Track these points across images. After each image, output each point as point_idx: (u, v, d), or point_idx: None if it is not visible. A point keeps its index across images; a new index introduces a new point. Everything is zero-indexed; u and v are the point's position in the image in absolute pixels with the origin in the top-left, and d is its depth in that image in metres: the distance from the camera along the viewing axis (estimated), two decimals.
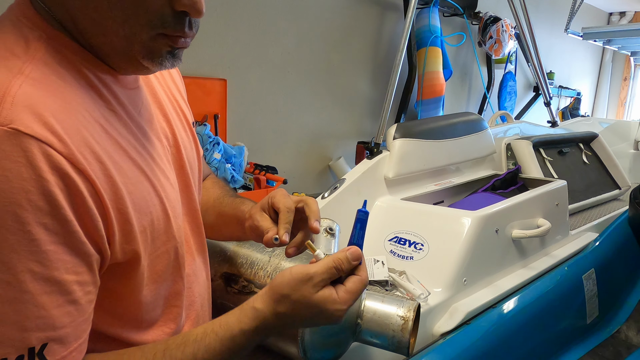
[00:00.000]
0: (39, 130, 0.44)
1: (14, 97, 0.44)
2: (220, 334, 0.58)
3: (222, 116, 2.44)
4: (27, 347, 0.44)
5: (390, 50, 3.32)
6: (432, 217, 1.29)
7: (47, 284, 0.45)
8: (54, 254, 0.46)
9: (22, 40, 0.50)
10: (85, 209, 0.48)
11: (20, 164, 0.43)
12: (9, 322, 0.43)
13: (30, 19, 0.52)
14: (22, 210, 0.43)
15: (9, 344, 0.43)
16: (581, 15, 4.48)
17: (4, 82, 0.45)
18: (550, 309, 1.31)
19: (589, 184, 2.06)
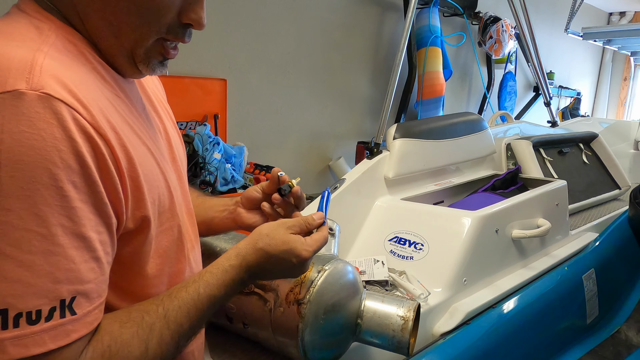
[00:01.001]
0: (67, 97, 0.48)
1: (41, 67, 0.48)
2: (213, 272, 0.63)
3: (222, 116, 2.44)
4: (59, 299, 0.46)
5: (390, 50, 3.32)
6: (432, 217, 1.29)
7: (76, 239, 0.48)
8: (81, 211, 0.48)
9: (34, 28, 0.54)
10: (108, 172, 0.51)
11: (53, 125, 0.46)
12: (43, 273, 0.45)
13: (39, 13, 0.55)
14: (56, 167, 0.46)
15: (43, 295, 0.45)
16: (581, 15, 4.48)
17: (28, 56, 0.49)
18: (550, 309, 1.31)
19: (589, 184, 2.06)
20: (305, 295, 0.78)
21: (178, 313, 0.58)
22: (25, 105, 0.45)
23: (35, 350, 0.44)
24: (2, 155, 0.44)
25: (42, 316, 0.45)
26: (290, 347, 0.80)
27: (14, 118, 0.45)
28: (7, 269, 0.44)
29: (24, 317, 0.44)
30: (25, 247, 0.45)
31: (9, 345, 0.44)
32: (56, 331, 0.46)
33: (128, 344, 0.52)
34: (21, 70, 0.47)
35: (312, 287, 0.78)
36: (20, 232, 0.44)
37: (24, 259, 0.44)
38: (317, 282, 0.79)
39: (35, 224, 0.45)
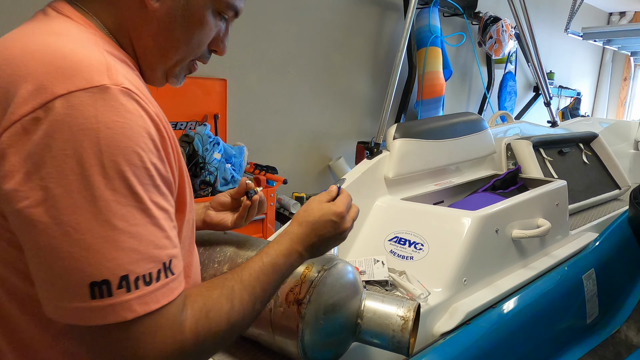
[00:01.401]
0: (137, 92, 0.55)
1: (115, 67, 0.55)
2: (271, 246, 0.72)
3: (222, 116, 2.44)
4: (162, 262, 0.53)
5: (390, 50, 3.32)
6: (432, 217, 1.29)
7: (162, 212, 0.55)
8: (161, 189, 0.55)
9: (87, 33, 0.60)
10: (169, 155, 0.58)
11: (135, 115, 0.53)
12: (148, 242, 0.52)
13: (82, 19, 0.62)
14: (143, 151, 0.53)
15: (151, 260, 0.52)
16: (581, 15, 4.48)
17: (101, 56, 0.55)
18: (550, 309, 1.31)
19: (589, 184, 2.06)
20: (305, 295, 0.78)
21: (250, 278, 0.65)
22: (112, 98, 0.51)
23: (154, 306, 0.52)
24: (102, 142, 0.50)
25: (153, 278, 0.52)
26: (290, 347, 0.80)
27: (106, 109, 0.51)
28: (122, 240, 0.50)
29: (141, 280, 0.51)
30: (132, 221, 0.51)
31: (135, 304, 0.50)
32: (164, 289, 0.53)
33: (218, 301, 0.60)
34: (102, 68, 0.53)
35: (312, 287, 0.78)
36: (126, 208, 0.51)
37: (133, 231, 0.51)
38: (317, 282, 0.79)
39: (135, 200, 0.51)
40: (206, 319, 0.57)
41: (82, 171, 0.49)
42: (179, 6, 0.63)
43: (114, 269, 0.49)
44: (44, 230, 0.48)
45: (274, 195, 2.26)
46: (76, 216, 0.49)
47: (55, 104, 0.49)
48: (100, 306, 0.49)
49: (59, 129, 0.49)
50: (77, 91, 0.50)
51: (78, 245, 0.49)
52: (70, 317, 0.50)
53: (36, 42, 0.55)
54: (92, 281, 0.49)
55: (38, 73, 0.51)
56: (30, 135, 0.49)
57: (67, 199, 0.48)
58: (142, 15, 0.63)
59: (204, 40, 0.69)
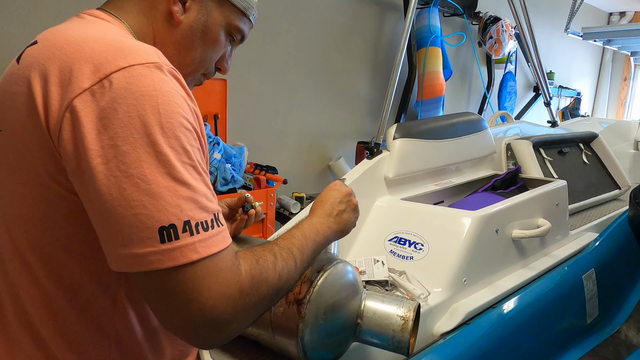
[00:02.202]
0: (179, 75, 0.62)
1: (160, 54, 0.62)
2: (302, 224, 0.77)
3: (222, 116, 2.44)
4: (213, 213, 0.58)
5: (390, 50, 3.32)
6: (432, 217, 1.29)
7: (204, 172, 0.60)
8: (199, 154, 0.60)
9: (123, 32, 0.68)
10: (200, 136, 0.64)
11: (180, 89, 0.60)
12: (201, 194, 0.57)
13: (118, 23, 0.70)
14: (188, 117, 0.59)
15: (205, 210, 0.57)
16: (581, 15, 4.48)
17: (150, 46, 0.63)
18: (550, 309, 1.31)
19: (589, 184, 2.06)
20: (305, 295, 0.78)
21: (285, 242, 0.70)
22: (165, 73, 0.59)
23: (214, 249, 0.56)
24: (160, 107, 0.56)
25: (209, 225, 0.57)
26: (290, 347, 0.80)
27: (161, 81, 0.58)
28: (182, 190, 0.55)
29: (200, 226, 0.56)
30: (187, 175, 0.56)
31: (198, 247, 0.55)
32: (219, 236, 0.58)
33: (263, 255, 0.64)
34: (153, 53, 0.61)
35: (312, 287, 0.78)
36: (182, 164, 0.56)
37: (190, 184, 0.56)
38: (317, 282, 0.79)
39: (188, 158, 0.57)
40: (257, 265, 0.62)
41: (145, 130, 0.55)
42: (200, 21, 0.73)
43: (179, 215, 0.54)
44: (115, 183, 0.53)
45: (274, 195, 2.26)
46: (142, 169, 0.54)
47: (119, 74, 0.56)
48: (170, 249, 0.53)
49: (123, 95, 0.55)
50: (136, 65, 0.57)
51: (146, 194, 0.53)
52: (141, 264, 0.53)
53: (93, 31, 0.63)
54: (160, 226, 0.53)
55: (100, 52, 0.58)
56: (98, 101, 0.55)
57: (133, 154, 0.54)
58: (169, 26, 0.72)
59: (215, 56, 0.79)
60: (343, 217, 0.83)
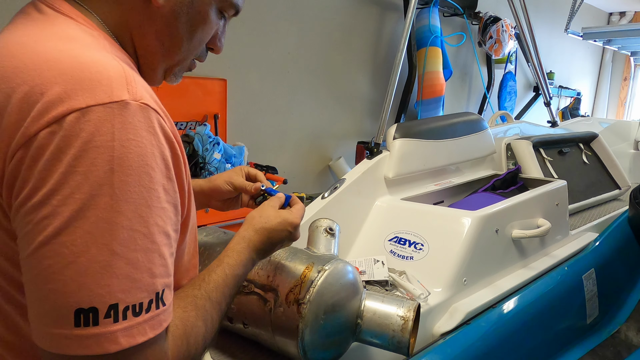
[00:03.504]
0: (156, 106, 0.53)
1: (134, 79, 0.53)
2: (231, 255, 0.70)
3: (222, 116, 2.44)
4: (155, 292, 0.51)
5: (390, 50, 3.32)
6: (432, 217, 1.29)
7: (165, 236, 0.52)
8: (167, 211, 0.53)
9: (89, 36, 0.57)
10: (181, 172, 0.57)
11: (150, 133, 0.51)
12: (144, 269, 0.49)
13: (82, 19, 0.59)
14: (153, 171, 0.51)
15: (144, 289, 0.49)
16: (581, 15, 4.48)
17: (119, 68, 0.52)
18: (550, 309, 1.31)
19: (589, 184, 2.06)
20: (305, 295, 0.78)
21: (216, 293, 0.64)
22: (131, 115, 0.50)
23: (140, 339, 0.49)
24: (115, 162, 0.48)
25: (143, 309, 0.49)
26: (290, 347, 0.80)
27: (123, 127, 0.49)
28: (117, 266, 0.48)
29: (130, 309, 0.48)
30: (131, 246, 0.49)
31: (120, 337, 0.48)
32: (153, 321, 0.50)
33: (195, 325, 0.58)
34: (121, 81, 0.51)
35: (312, 287, 0.78)
36: (128, 232, 0.48)
37: (131, 257, 0.49)
38: (317, 282, 0.79)
39: (139, 224, 0.49)
40: (186, 346, 0.56)
41: (90, 190, 0.47)
42: (184, 3, 0.62)
43: (104, 297, 0.46)
44: (39, 248, 0.46)
45: None
46: (74, 237, 0.46)
47: (72, 117, 0.47)
48: (84, 335, 0.46)
49: (72, 144, 0.47)
50: (96, 106, 0.48)
51: (71, 268, 0.46)
52: (52, 345, 0.47)
53: (48, 50, 0.52)
54: (78, 307, 0.46)
55: (55, 84, 0.48)
56: (44, 149, 0.47)
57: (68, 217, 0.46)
58: (147, 13, 0.61)
59: (205, 38, 0.68)
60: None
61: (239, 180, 0.88)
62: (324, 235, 0.93)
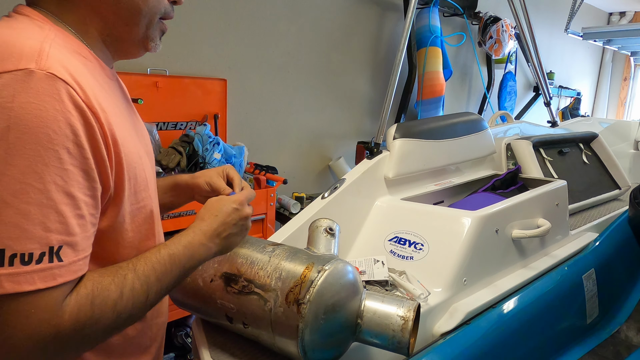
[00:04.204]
0: (68, 78, 0.57)
1: (48, 54, 0.58)
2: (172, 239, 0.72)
3: (222, 116, 2.44)
4: (48, 246, 0.53)
5: (390, 50, 3.32)
6: (432, 217, 1.29)
7: (66, 196, 0.55)
8: (72, 174, 0.56)
9: (37, 27, 0.63)
10: (96, 143, 0.60)
11: (55, 99, 0.55)
12: (36, 222, 0.52)
13: (38, 16, 0.65)
14: (54, 133, 0.54)
15: (35, 240, 0.52)
16: (581, 15, 4.48)
17: (37, 44, 0.58)
18: (550, 309, 1.31)
19: (589, 184, 2.05)
20: (305, 295, 0.78)
21: (145, 267, 0.65)
22: (34, 81, 0.54)
23: (26, 287, 0.52)
24: (12, 121, 0.52)
25: (34, 259, 0.52)
26: (290, 347, 0.80)
27: (23, 91, 0.53)
28: (6, 214, 0.51)
29: (18, 257, 0.51)
30: (23, 198, 0.52)
31: (4, 281, 0.51)
32: (44, 273, 0.53)
33: (107, 288, 0.60)
34: (31, 54, 0.56)
35: (312, 287, 0.78)
36: (21, 184, 0.52)
37: (22, 208, 0.52)
38: (317, 282, 0.79)
39: (33, 179, 0.52)
40: (90, 306, 0.57)
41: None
42: None
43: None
44: None
45: (274, 195, 2.26)
46: None
47: None
48: None
49: None
50: (3, 73, 0.54)
51: None
52: None
53: None
54: None
55: None
56: None
57: None
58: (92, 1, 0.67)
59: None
60: (230, 240, 0.78)
61: (217, 183, 0.90)
62: (324, 235, 0.93)
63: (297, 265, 0.83)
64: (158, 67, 2.22)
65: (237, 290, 0.85)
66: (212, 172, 0.93)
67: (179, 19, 2.22)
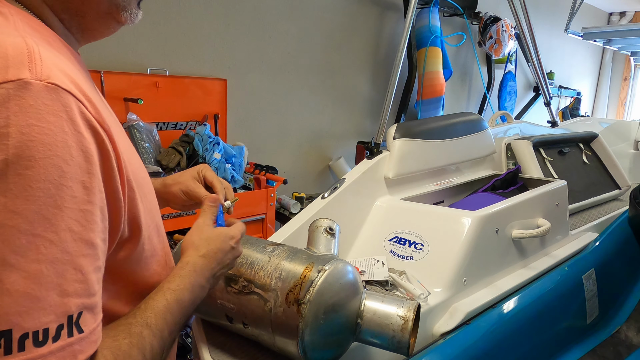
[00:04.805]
0: (73, 88, 0.44)
1: (40, 55, 0.43)
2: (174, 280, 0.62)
3: (222, 116, 2.44)
4: (67, 315, 0.41)
5: (390, 50, 3.32)
6: (432, 217, 1.29)
7: (85, 245, 0.43)
8: (89, 214, 0.44)
9: None
10: (110, 171, 0.48)
11: (62, 118, 0.42)
12: (50, 285, 0.40)
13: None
14: (65, 164, 0.42)
15: (50, 310, 0.40)
16: (581, 15, 4.48)
17: (19, 42, 0.43)
18: (550, 309, 1.31)
19: (589, 184, 2.05)
20: (305, 295, 0.78)
21: (157, 321, 0.55)
22: (33, 96, 0.41)
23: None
24: (10, 152, 0.39)
25: (49, 336, 0.40)
26: (290, 347, 0.80)
27: (21, 110, 0.40)
28: (11, 281, 0.38)
29: (30, 338, 0.39)
30: (32, 255, 0.39)
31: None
32: (64, 352, 0.41)
33: (128, 353, 0.49)
34: (19, 57, 0.42)
35: (312, 287, 0.78)
36: (27, 237, 0.39)
37: (31, 269, 0.39)
38: (317, 282, 0.79)
39: (43, 228, 0.40)
40: None
41: None
42: None
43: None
44: None
45: (274, 195, 2.26)
46: None
47: None
48: None
49: None
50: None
51: None
52: None
53: None
54: None
55: None
56: None
57: None
58: None
59: None
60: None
61: (195, 191, 0.81)
62: (324, 235, 0.93)
63: (297, 265, 0.83)
64: (158, 67, 2.22)
65: (237, 290, 0.85)
66: (187, 176, 0.83)
67: (179, 19, 2.22)
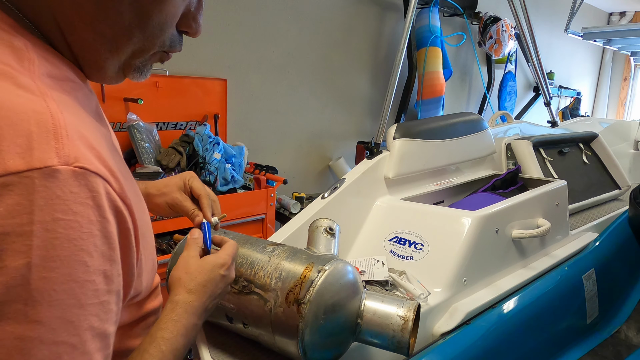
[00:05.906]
0: (100, 167, 0.40)
1: (66, 126, 0.38)
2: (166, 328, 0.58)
3: (222, 116, 2.44)
4: None
5: (390, 50, 3.32)
6: (432, 217, 1.29)
7: (101, 340, 0.41)
8: (107, 305, 0.42)
9: (8, 48, 0.43)
10: (129, 250, 0.45)
11: (89, 206, 0.38)
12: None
13: (7, 23, 0.44)
14: (91, 258, 0.39)
15: None
16: (581, 15, 4.48)
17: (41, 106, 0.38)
18: (550, 309, 1.31)
19: (589, 184, 2.05)
20: (305, 295, 0.78)
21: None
22: (60, 186, 0.36)
23: None
24: (34, 253, 0.35)
25: None
26: (290, 347, 0.80)
27: (47, 204, 0.35)
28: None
29: None
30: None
31: None
32: None
33: None
34: (47, 135, 0.37)
35: (312, 287, 0.78)
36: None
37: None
38: (317, 282, 0.79)
39: (67, 333, 0.37)
40: None
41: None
42: None
43: None
44: None
45: (274, 195, 2.26)
46: None
47: None
48: None
49: None
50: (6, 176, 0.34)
51: None
52: None
53: None
54: None
55: None
56: None
57: None
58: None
59: (168, 19, 0.50)
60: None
61: (180, 205, 0.77)
62: (324, 235, 0.93)
63: (297, 265, 0.83)
64: (158, 67, 2.22)
65: (237, 290, 0.85)
66: (173, 187, 0.78)
67: None
